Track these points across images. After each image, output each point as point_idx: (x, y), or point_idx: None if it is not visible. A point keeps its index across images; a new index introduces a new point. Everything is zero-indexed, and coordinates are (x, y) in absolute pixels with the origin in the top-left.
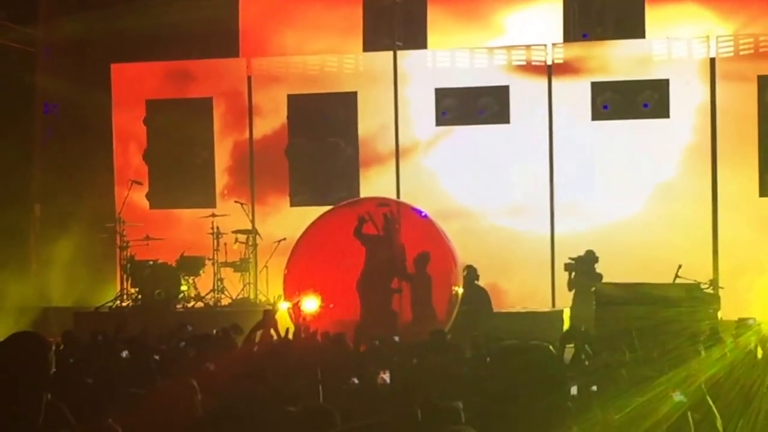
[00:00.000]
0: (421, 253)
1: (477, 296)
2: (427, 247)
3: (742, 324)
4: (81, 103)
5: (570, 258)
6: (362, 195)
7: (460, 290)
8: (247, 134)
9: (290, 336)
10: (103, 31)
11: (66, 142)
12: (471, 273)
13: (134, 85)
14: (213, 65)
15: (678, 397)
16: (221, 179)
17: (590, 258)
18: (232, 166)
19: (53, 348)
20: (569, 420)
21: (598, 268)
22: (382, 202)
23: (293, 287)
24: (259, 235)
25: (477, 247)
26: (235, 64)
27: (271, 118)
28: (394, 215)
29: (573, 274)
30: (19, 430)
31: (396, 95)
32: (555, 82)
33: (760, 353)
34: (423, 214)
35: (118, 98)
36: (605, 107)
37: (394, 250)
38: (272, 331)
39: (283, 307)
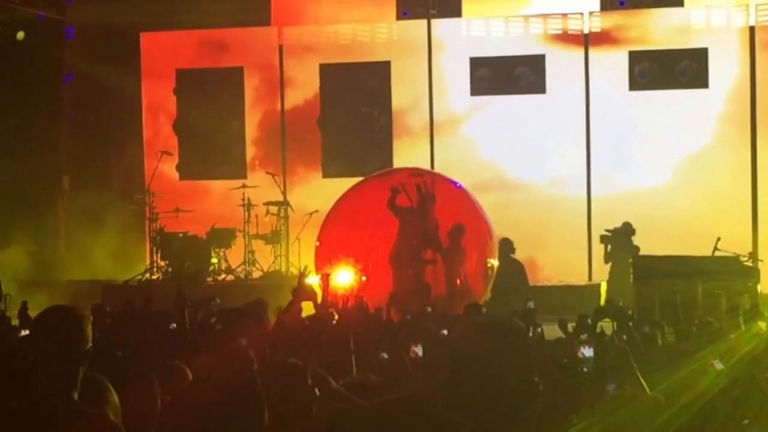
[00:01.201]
0: (456, 225)
1: (513, 270)
2: (462, 219)
3: None
4: (110, 73)
5: (606, 230)
6: (396, 166)
7: (496, 263)
8: (278, 104)
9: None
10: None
11: (95, 113)
12: (507, 246)
13: (164, 54)
14: (244, 34)
15: (719, 365)
16: (252, 150)
17: (627, 230)
18: (263, 137)
19: (89, 321)
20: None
21: (635, 240)
22: (416, 172)
23: (326, 259)
24: (291, 207)
25: (513, 220)
26: (267, 33)
27: (303, 88)
28: (428, 186)
29: (609, 246)
30: (55, 405)
31: (430, 65)
32: (591, 51)
33: None
34: (458, 185)
35: (147, 68)
36: (642, 77)
37: (428, 222)
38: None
39: (314, 280)
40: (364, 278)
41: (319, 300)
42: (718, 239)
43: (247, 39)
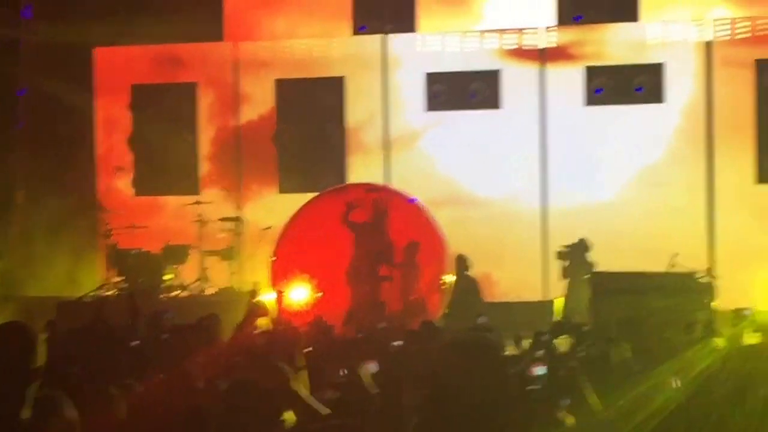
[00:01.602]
0: (411, 242)
1: (468, 286)
2: (417, 235)
3: (738, 314)
4: (64, 88)
5: (563, 246)
6: (351, 182)
7: (451, 279)
8: (233, 120)
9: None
10: (85, 14)
11: (50, 129)
12: (462, 262)
13: (118, 70)
14: (199, 49)
15: (675, 382)
16: (207, 166)
17: (583, 246)
18: (218, 153)
19: (38, 339)
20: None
21: (591, 256)
22: (371, 188)
23: (281, 274)
24: (245, 223)
25: (468, 236)
26: (222, 49)
27: (258, 104)
28: (384, 202)
29: (566, 263)
30: (5, 421)
31: (385, 80)
32: (548, 66)
33: (756, 343)
34: (413, 200)
35: (101, 83)
36: (598, 91)
37: (383, 238)
38: (259, 321)
39: (269, 296)
40: (319, 294)
41: (273, 316)
42: (675, 255)
43: (202, 54)
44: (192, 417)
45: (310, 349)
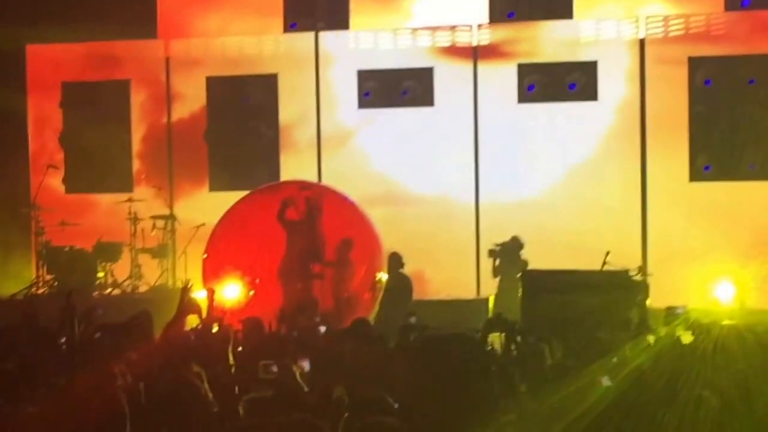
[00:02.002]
0: (345, 239)
1: (400, 284)
2: (351, 232)
3: (671, 312)
4: None
5: (495, 244)
6: (284, 180)
7: (384, 277)
8: (165, 118)
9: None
10: (17, 12)
11: None
12: (396, 260)
13: (50, 67)
14: (131, 47)
15: (606, 382)
16: (138, 164)
17: (515, 244)
18: (150, 151)
19: None
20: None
21: (524, 254)
22: (305, 185)
23: (213, 272)
24: (178, 221)
25: (402, 233)
26: (153, 46)
27: (190, 102)
28: (317, 199)
29: (498, 260)
30: None
31: (317, 77)
32: (480, 64)
33: (688, 341)
34: (347, 198)
35: (33, 81)
36: (531, 87)
37: (315, 235)
38: (193, 318)
39: (201, 294)
40: (251, 292)
41: (204, 314)
42: (608, 253)
43: (134, 52)
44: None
45: (240, 348)
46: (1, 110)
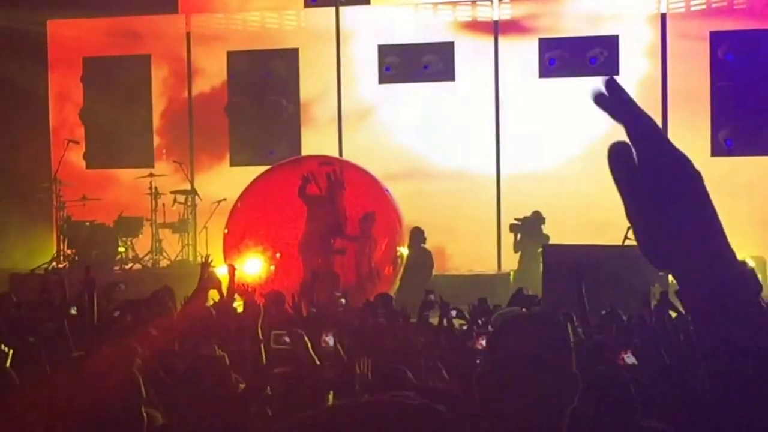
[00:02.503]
0: (366, 214)
1: (420, 258)
2: (372, 207)
3: None
4: (16, 60)
5: (516, 219)
6: (304, 155)
7: (406, 252)
8: (186, 92)
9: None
10: None
11: (1, 101)
12: (418, 235)
13: (71, 42)
14: (152, 22)
15: (630, 359)
16: (159, 139)
17: (537, 219)
18: (171, 125)
19: None
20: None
21: (545, 229)
22: (326, 160)
23: (234, 246)
24: (198, 196)
25: (422, 208)
26: (174, 21)
27: (211, 76)
28: (338, 174)
29: (519, 235)
30: None
31: (338, 52)
32: (501, 39)
33: None
34: (368, 172)
35: (54, 56)
36: (552, 62)
37: (336, 210)
38: (213, 293)
39: (222, 270)
40: (272, 267)
41: (225, 290)
42: (629, 228)
43: (155, 27)
44: (127, 394)
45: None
46: (23, 85)
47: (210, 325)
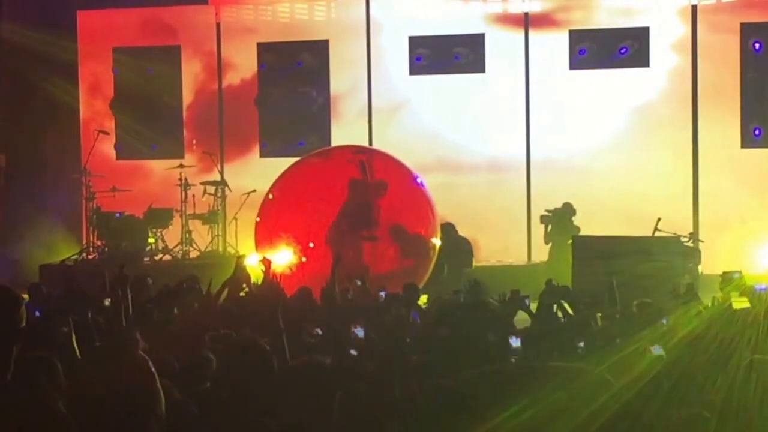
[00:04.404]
0: (398, 204)
1: (458, 248)
2: (405, 198)
3: (727, 277)
4: (46, 51)
5: (546, 210)
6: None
7: (438, 243)
8: (215, 84)
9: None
10: None
11: (32, 93)
12: (449, 228)
13: (101, 32)
14: (182, 12)
15: (657, 351)
16: (189, 129)
17: (567, 211)
18: (201, 117)
19: (23, 301)
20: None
21: (576, 220)
22: (358, 149)
23: (266, 235)
24: (228, 187)
25: (453, 200)
26: (204, 12)
27: (241, 68)
28: (371, 164)
29: (549, 227)
30: None
31: (368, 43)
32: (532, 31)
33: (742, 306)
34: (400, 162)
35: (84, 46)
36: (582, 52)
37: (369, 201)
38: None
39: (254, 260)
40: (303, 258)
41: (261, 283)
42: (659, 219)
43: (185, 18)
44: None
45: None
46: (52, 76)
47: (241, 316)
